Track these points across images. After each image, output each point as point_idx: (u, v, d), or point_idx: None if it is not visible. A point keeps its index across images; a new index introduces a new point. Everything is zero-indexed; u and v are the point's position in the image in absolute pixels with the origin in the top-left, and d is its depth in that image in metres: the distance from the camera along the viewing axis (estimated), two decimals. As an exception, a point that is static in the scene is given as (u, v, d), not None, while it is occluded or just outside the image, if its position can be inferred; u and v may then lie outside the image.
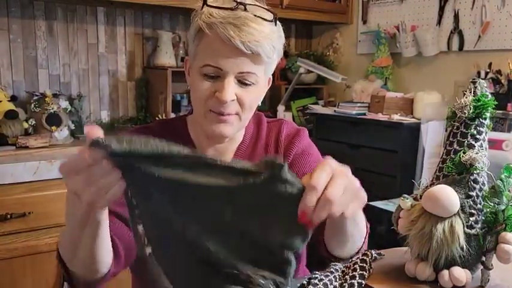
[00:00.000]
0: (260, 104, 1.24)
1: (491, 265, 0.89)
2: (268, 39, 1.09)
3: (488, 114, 0.93)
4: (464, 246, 0.86)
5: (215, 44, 1.07)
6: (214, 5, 1.09)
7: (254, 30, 1.06)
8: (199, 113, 1.15)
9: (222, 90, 1.09)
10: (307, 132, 1.36)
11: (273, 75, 1.25)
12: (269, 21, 1.10)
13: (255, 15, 1.08)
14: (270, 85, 1.25)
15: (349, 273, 0.94)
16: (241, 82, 1.12)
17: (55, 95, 2.66)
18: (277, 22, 1.14)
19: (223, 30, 1.05)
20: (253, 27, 1.06)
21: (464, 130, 0.93)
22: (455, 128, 0.94)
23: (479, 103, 0.92)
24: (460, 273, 0.87)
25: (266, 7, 1.13)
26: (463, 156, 0.90)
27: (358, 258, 1.00)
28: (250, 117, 1.21)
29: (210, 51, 1.09)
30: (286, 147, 1.30)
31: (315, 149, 1.34)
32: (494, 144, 2.29)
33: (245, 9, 1.08)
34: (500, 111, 2.47)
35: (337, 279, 0.93)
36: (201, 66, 1.10)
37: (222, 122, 1.13)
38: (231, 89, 1.09)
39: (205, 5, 1.10)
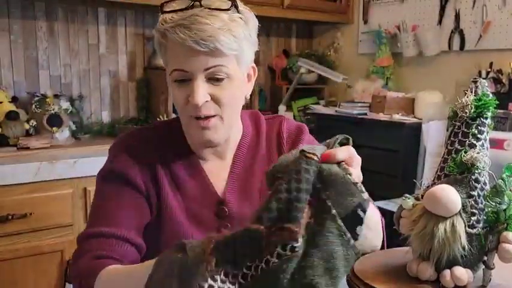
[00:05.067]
0: (248, 100, 1.20)
1: (493, 265, 0.89)
2: (224, 30, 1.03)
3: (489, 114, 0.93)
4: (466, 246, 0.85)
5: (174, 49, 1.05)
6: (168, 9, 1.07)
7: (205, 25, 1.02)
8: (183, 121, 1.14)
9: (192, 93, 1.06)
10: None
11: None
12: (226, 10, 1.05)
13: (210, 8, 1.04)
14: (255, 75, 1.21)
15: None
16: (213, 79, 1.07)
17: (56, 96, 2.67)
18: (239, 8, 1.08)
19: (174, 35, 1.02)
20: (204, 23, 1.02)
21: (465, 130, 0.92)
22: (456, 127, 0.94)
23: (480, 103, 0.91)
24: (462, 273, 0.87)
25: None
26: (464, 155, 0.90)
27: None
28: (235, 116, 1.17)
29: (172, 57, 1.07)
30: (294, 142, 1.26)
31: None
32: (496, 144, 2.29)
33: (200, 5, 1.04)
34: (502, 111, 2.47)
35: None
36: (170, 73, 1.09)
37: (206, 128, 1.11)
38: (201, 90, 1.06)
39: (162, 13, 1.08)
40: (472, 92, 0.93)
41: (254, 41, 1.14)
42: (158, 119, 2.92)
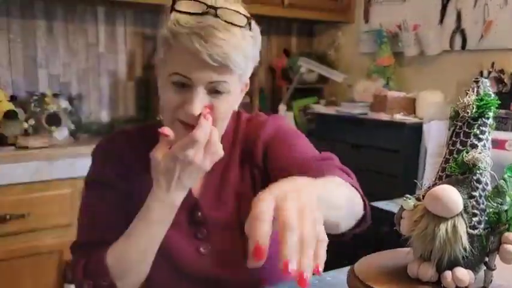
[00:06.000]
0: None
1: (494, 266, 0.89)
2: (238, 49, 1.02)
3: (491, 114, 0.92)
4: (467, 247, 0.85)
5: (183, 54, 1.02)
6: (181, 9, 1.03)
7: (221, 41, 0.99)
8: (167, 120, 1.10)
9: (191, 102, 1.03)
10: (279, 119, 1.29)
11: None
12: (241, 27, 1.03)
13: (226, 21, 1.01)
14: (247, 89, 1.19)
15: None
16: (212, 91, 1.05)
17: (55, 95, 2.67)
18: (252, 25, 1.07)
19: (189, 42, 0.99)
20: (221, 38, 0.99)
21: (467, 130, 0.92)
22: (458, 127, 0.93)
23: (482, 102, 0.91)
24: (463, 274, 0.87)
25: (240, 10, 1.06)
26: (466, 156, 0.89)
27: None
28: (224, 127, 1.15)
29: (177, 60, 1.04)
30: (266, 155, 1.21)
31: (289, 131, 1.25)
32: (498, 144, 2.28)
33: (215, 14, 1.01)
34: (504, 111, 2.46)
35: None
36: (169, 74, 1.05)
37: None
38: (200, 101, 1.03)
39: (174, 10, 1.04)
40: (473, 91, 0.92)
41: (257, 59, 1.13)
42: (157, 118, 2.91)
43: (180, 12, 1.03)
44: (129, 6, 2.94)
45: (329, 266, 0.99)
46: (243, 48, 1.03)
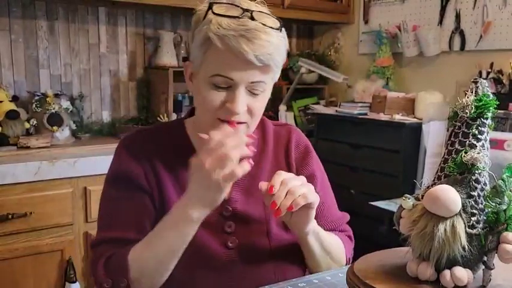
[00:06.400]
0: None
1: (493, 265, 0.89)
2: (278, 49, 1.10)
3: (489, 114, 0.93)
4: (466, 246, 0.86)
5: (226, 55, 1.06)
6: (221, 13, 1.08)
7: (265, 42, 1.06)
8: (207, 121, 1.14)
9: (234, 101, 1.09)
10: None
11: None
12: (276, 29, 1.10)
13: (263, 24, 1.07)
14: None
15: None
16: (251, 92, 1.11)
17: (56, 95, 2.67)
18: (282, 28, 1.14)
19: (236, 44, 1.04)
20: (264, 39, 1.06)
21: (465, 130, 0.92)
22: (456, 127, 0.94)
23: (480, 103, 0.91)
24: (462, 273, 0.87)
25: (270, 13, 1.13)
26: (464, 156, 0.90)
27: None
28: (257, 124, 1.21)
29: (220, 62, 1.08)
30: (300, 165, 1.31)
31: (320, 166, 1.36)
32: (496, 144, 2.29)
33: (251, 17, 1.07)
34: (502, 111, 2.47)
35: None
36: (210, 75, 1.09)
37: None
38: (242, 100, 1.09)
39: (212, 13, 1.08)
40: (472, 92, 0.93)
41: (285, 59, 1.18)
42: (158, 118, 2.92)
43: (219, 15, 1.07)
44: (131, 6, 2.95)
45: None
46: (280, 49, 1.11)
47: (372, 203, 2.55)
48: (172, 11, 3.07)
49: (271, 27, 1.09)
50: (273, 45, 1.08)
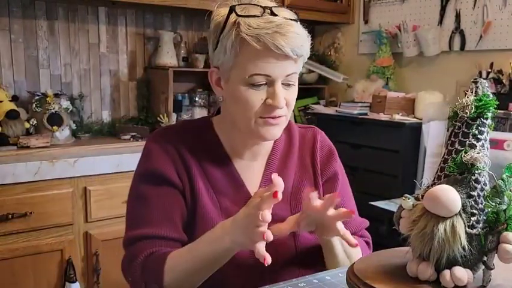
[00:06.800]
0: None
1: (493, 265, 0.89)
2: (306, 39, 1.13)
3: (489, 114, 0.92)
4: (466, 246, 0.85)
5: (262, 53, 1.08)
6: (244, 14, 1.10)
7: (296, 34, 1.09)
8: (247, 121, 1.15)
9: (275, 96, 1.11)
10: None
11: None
12: (296, 20, 1.13)
13: (287, 19, 1.10)
14: None
15: None
16: (285, 83, 1.14)
17: (56, 95, 2.66)
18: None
19: (272, 41, 1.07)
20: (295, 32, 1.09)
21: (465, 130, 0.92)
22: (456, 127, 0.94)
23: (480, 103, 0.91)
24: (462, 273, 0.87)
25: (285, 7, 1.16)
26: (464, 156, 0.90)
27: None
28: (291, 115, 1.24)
29: (256, 61, 1.09)
30: (324, 166, 1.33)
31: (343, 170, 1.40)
32: (496, 144, 2.29)
33: (272, 13, 1.09)
34: (502, 111, 2.47)
35: None
36: (247, 76, 1.10)
37: (275, 125, 1.16)
38: (282, 94, 1.12)
39: (236, 15, 1.10)
40: (472, 92, 0.93)
41: None
42: (158, 118, 2.92)
43: (246, 16, 1.09)
44: (131, 6, 2.95)
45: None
46: (307, 38, 1.14)
47: (371, 203, 2.55)
48: (172, 11, 3.07)
49: (294, 20, 1.12)
50: (301, 36, 1.11)
